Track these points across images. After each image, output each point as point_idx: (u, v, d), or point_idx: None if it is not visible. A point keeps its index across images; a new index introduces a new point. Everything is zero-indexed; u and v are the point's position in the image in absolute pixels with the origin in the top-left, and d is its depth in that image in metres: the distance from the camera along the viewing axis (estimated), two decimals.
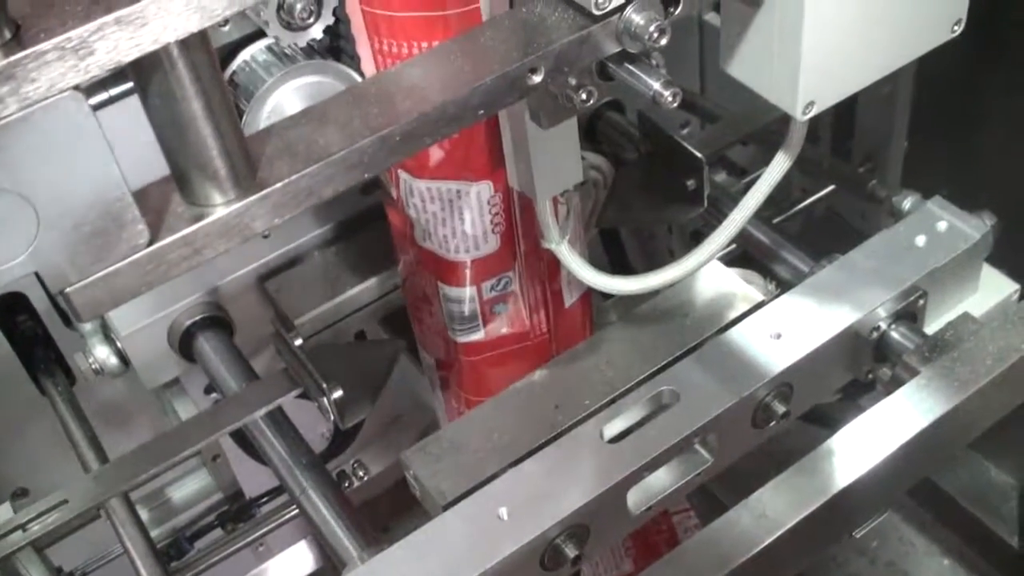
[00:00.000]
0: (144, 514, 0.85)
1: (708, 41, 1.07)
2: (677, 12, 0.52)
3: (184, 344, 0.86)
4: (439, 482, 0.70)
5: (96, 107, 0.41)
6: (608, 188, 0.89)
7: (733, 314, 0.77)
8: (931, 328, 0.76)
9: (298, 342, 0.77)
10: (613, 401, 0.71)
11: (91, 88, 0.70)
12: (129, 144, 0.46)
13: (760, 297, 0.78)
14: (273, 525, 0.94)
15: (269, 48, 0.64)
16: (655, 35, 0.51)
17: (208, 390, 0.99)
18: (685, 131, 1.07)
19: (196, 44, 0.41)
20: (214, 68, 0.42)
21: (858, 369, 0.75)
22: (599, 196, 0.89)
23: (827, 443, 0.67)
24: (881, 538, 1.20)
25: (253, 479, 0.96)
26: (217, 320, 0.86)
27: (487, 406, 0.76)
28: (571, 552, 0.65)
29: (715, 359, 0.71)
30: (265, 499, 0.97)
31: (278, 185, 0.45)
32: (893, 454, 0.66)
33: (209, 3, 0.39)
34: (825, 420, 0.81)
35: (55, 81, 0.38)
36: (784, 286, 0.85)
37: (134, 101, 0.46)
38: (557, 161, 0.66)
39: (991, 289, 0.81)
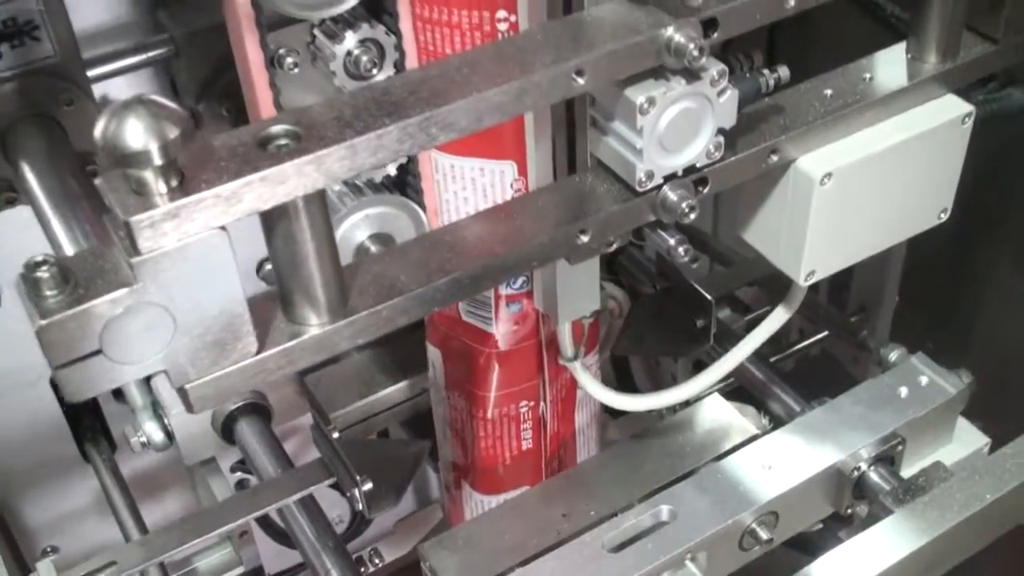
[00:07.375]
0: None
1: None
2: (706, 191, 0.61)
3: (226, 427, 0.93)
4: (452, 575, 0.76)
5: None
6: (623, 318, 0.97)
7: (729, 444, 0.83)
8: (907, 472, 0.82)
9: (335, 435, 0.85)
10: (615, 514, 0.77)
11: None
12: None
13: (755, 430, 0.84)
14: None
15: (344, 182, 0.73)
16: (686, 210, 0.59)
17: (234, 468, 1.07)
18: (695, 266, 1.16)
19: (316, 198, 0.50)
20: (326, 216, 0.51)
21: (839, 503, 0.81)
22: (614, 324, 0.97)
23: (804, 570, 0.73)
24: None
25: (273, 557, 1.02)
26: (258, 407, 0.93)
27: (500, 508, 0.82)
28: None
29: (711, 483, 0.76)
30: None
31: (364, 313, 0.53)
32: None
33: (333, 169, 0.48)
34: (806, 546, 0.88)
35: (208, 221, 0.46)
36: (776, 421, 0.92)
37: None
38: (579, 290, 0.73)
39: (964, 441, 0.86)
